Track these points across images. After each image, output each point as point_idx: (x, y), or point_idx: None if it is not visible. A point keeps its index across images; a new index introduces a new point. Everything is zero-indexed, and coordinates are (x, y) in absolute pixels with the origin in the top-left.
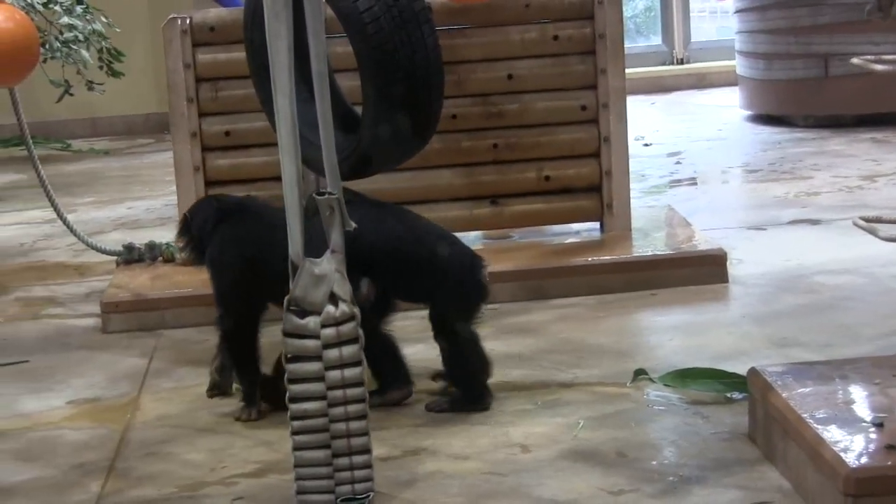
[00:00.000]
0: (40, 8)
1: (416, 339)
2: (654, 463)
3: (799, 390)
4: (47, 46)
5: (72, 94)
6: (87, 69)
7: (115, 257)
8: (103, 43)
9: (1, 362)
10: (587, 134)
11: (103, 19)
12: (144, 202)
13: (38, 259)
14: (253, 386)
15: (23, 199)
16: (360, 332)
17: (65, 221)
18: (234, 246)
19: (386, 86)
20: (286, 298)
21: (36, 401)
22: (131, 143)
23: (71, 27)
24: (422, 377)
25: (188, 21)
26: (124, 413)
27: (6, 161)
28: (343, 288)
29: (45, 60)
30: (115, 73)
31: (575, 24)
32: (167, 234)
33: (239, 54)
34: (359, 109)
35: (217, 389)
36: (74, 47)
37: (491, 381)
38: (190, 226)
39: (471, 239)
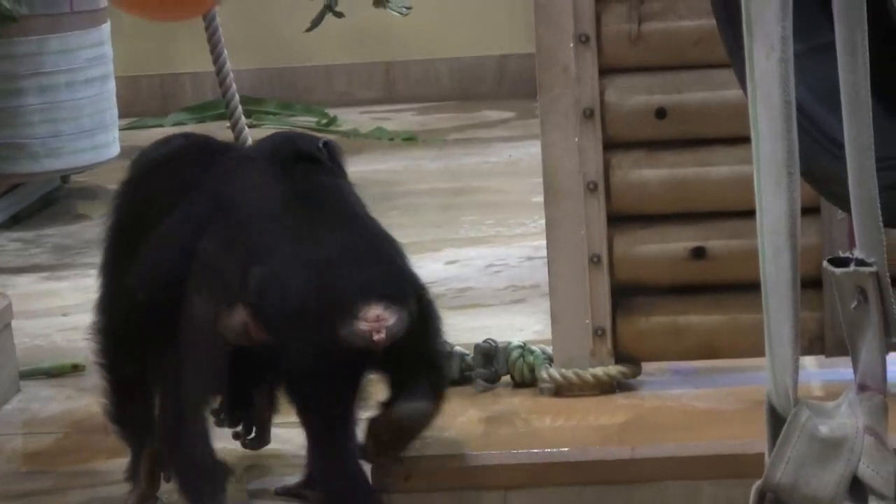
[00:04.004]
0: None
1: None
2: None
3: None
4: None
5: (341, 15)
6: None
7: None
8: None
9: None
10: None
11: None
12: (485, 249)
13: None
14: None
15: None
16: None
17: None
18: None
19: None
20: (755, 486)
21: None
22: (469, 116)
23: None
24: None
25: None
26: None
27: None
28: (881, 470)
29: None
30: None
31: None
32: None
33: None
34: None
35: None
36: None
37: None
38: None
39: None
